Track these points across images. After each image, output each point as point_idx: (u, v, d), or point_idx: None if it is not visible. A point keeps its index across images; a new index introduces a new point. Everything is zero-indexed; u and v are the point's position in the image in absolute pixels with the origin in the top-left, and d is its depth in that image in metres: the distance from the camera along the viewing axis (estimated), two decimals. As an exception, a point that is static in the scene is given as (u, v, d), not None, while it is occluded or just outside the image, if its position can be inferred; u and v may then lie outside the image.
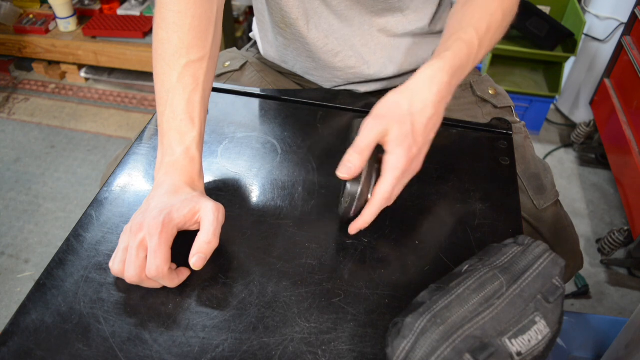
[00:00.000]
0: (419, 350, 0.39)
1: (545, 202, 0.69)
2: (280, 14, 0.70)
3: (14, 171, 1.67)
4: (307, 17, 0.69)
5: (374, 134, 0.48)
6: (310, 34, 0.70)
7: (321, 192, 0.58)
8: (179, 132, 0.53)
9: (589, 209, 1.59)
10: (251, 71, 0.83)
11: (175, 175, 0.51)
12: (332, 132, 0.67)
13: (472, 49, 0.54)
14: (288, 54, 0.77)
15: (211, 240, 0.47)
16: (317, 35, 0.71)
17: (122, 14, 2.00)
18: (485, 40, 0.55)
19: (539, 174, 0.71)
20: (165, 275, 0.45)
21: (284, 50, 0.77)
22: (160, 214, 0.47)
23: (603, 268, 1.42)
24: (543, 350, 0.40)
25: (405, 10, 0.70)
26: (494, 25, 0.56)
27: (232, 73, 0.83)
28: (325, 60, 0.73)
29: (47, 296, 0.47)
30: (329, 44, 0.71)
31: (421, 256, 0.52)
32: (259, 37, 0.83)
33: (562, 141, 1.84)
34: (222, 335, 0.44)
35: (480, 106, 0.77)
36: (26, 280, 1.36)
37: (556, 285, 0.42)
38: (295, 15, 0.69)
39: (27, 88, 2.05)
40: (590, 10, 1.69)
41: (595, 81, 1.71)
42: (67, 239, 0.52)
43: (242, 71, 0.83)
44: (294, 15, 0.69)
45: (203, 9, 0.56)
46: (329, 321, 0.46)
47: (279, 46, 0.77)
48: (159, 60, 0.56)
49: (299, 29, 0.70)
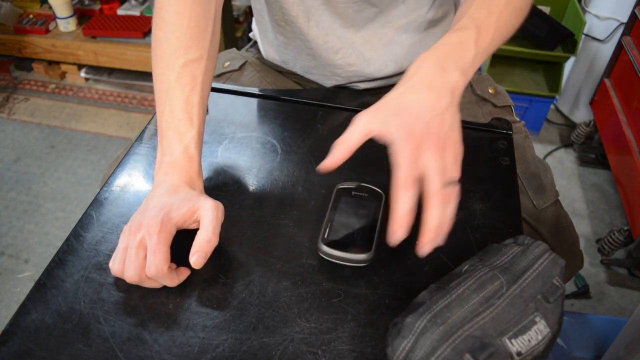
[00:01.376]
0: (419, 350, 0.39)
1: (545, 202, 0.68)
2: (280, 12, 0.70)
3: (14, 171, 1.67)
4: (307, 14, 0.69)
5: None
6: (310, 31, 0.71)
7: (321, 192, 0.58)
8: (178, 132, 0.53)
9: (589, 209, 1.59)
10: (250, 71, 0.83)
11: (174, 175, 0.51)
12: (332, 132, 0.67)
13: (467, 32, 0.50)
14: (288, 53, 0.77)
15: (211, 239, 0.47)
16: (318, 33, 0.71)
17: (122, 14, 2.00)
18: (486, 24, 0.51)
19: (539, 173, 0.71)
20: (165, 274, 0.45)
21: (284, 49, 0.77)
22: (159, 213, 0.47)
23: (603, 268, 1.42)
24: (543, 350, 0.40)
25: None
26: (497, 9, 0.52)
27: (232, 73, 0.83)
28: (326, 58, 0.73)
29: (47, 296, 0.47)
30: (329, 42, 0.72)
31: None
32: (259, 38, 0.83)
33: (562, 141, 1.84)
34: (222, 335, 0.44)
35: (480, 105, 0.77)
36: (26, 280, 1.36)
37: (556, 285, 0.42)
38: (295, 12, 0.69)
39: (27, 88, 2.05)
40: (590, 10, 1.69)
41: (595, 81, 1.71)
42: (67, 239, 0.52)
43: (241, 71, 0.83)
44: (294, 12, 0.69)
45: (201, 8, 0.56)
46: (329, 321, 0.46)
47: (279, 45, 0.77)
48: (157, 61, 0.56)
49: (300, 26, 0.70)
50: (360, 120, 0.45)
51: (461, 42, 0.49)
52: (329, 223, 0.51)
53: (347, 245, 0.49)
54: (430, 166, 0.42)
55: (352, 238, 0.50)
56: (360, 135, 0.44)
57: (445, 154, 0.43)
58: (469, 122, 0.69)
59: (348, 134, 0.45)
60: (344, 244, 0.49)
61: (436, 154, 0.42)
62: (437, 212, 0.42)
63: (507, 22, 0.54)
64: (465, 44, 0.49)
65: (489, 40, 0.51)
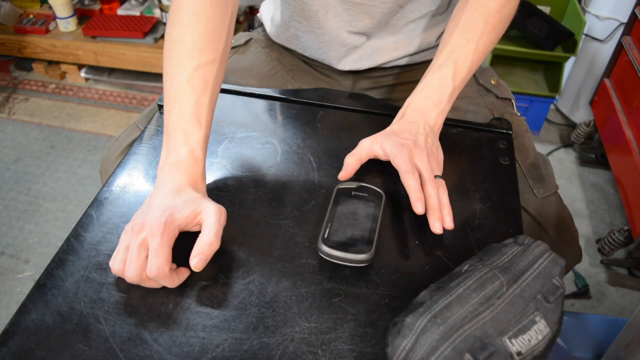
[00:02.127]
0: (419, 350, 0.39)
1: (545, 192, 0.68)
2: (300, 6, 0.71)
3: (14, 171, 1.67)
4: (326, 7, 0.71)
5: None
6: (327, 24, 0.72)
7: (321, 192, 0.58)
8: (185, 133, 0.53)
9: (589, 209, 1.59)
10: (256, 47, 0.83)
11: (178, 175, 0.51)
12: (332, 132, 0.67)
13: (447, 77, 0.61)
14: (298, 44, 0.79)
15: (213, 242, 0.47)
16: (334, 25, 0.72)
17: (122, 14, 2.00)
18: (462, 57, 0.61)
19: (539, 164, 0.71)
20: (165, 275, 0.45)
21: (295, 40, 0.79)
22: (163, 214, 0.47)
23: (603, 268, 1.42)
24: (543, 350, 0.40)
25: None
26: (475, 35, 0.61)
27: (237, 48, 0.83)
28: (338, 49, 0.75)
29: (47, 296, 0.47)
30: (342, 35, 0.73)
31: (421, 256, 0.52)
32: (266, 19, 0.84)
33: (562, 141, 1.84)
34: (222, 335, 0.44)
35: (482, 95, 0.78)
36: (26, 280, 1.36)
37: (556, 285, 0.42)
38: (316, 7, 0.69)
39: (27, 88, 2.05)
40: (590, 10, 1.69)
41: (595, 81, 1.71)
42: (67, 239, 0.52)
43: (246, 46, 0.83)
44: (315, 7, 0.69)
45: (218, 11, 0.56)
46: (329, 321, 0.46)
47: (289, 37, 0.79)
48: (170, 60, 0.56)
49: (318, 19, 0.71)
50: (364, 143, 0.59)
51: (440, 82, 0.60)
52: (329, 223, 0.51)
53: (347, 245, 0.49)
54: (422, 166, 0.55)
55: (352, 238, 0.50)
56: (366, 153, 0.58)
57: (431, 159, 0.56)
58: (469, 122, 0.69)
59: (358, 151, 0.58)
60: (344, 244, 0.49)
61: (424, 157, 0.55)
62: (433, 192, 0.53)
63: (486, 45, 0.62)
64: (443, 82, 0.60)
65: (466, 72, 0.61)
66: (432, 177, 0.54)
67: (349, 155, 0.58)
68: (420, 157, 0.55)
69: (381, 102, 0.75)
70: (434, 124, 0.60)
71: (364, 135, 0.60)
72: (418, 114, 0.60)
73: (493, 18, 0.61)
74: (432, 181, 0.54)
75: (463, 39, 0.61)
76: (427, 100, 0.60)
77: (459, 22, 0.62)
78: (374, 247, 0.49)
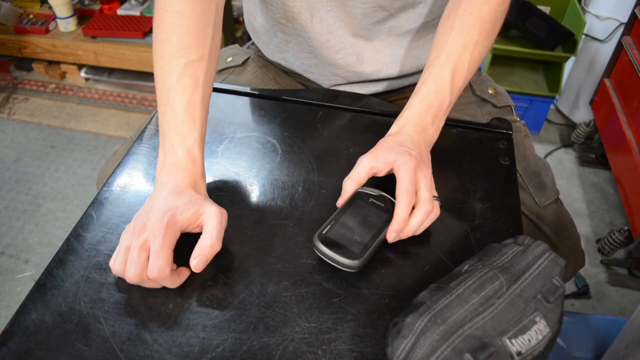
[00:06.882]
0: (419, 350, 0.39)
1: (546, 200, 0.69)
2: (282, 8, 0.70)
3: (14, 171, 1.67)
4: (311, 11, 0.69)
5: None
6: (313, 28, 0.70)
7: (321, 192, 0.58)
8: (180, 133, 0.53)
9: (589, 209, 1.59)
10: (253, 67, 0.83)
11: (178, 176, 0.51)
12: (332, 132, 0.67)
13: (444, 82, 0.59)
14: (288, 51, 0.77)
15: (214, 244, 0.47)
16: (321, 30, 0.70)
17: (122, 14, 2.00)
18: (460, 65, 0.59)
19: (539, 171, 0.71)
20: (166, 276, 0.45)
21: (284, 46, 0.77)
22: (164, 215, 0.47)
23: (603, 268, 1.42)
24: (543, 350, 0.40)
25: (417, 5, 0.69)
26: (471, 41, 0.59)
27: (234, 68, 0.82)
28: (327, 57, 0.73)
29: (47, 296, 0.47)
30: (331, 40, 0.71)
31: (421, 256, 0.52)
32: (254, 39, 0.83)
33: (562, 141, 1.84)
34: (222, 335, 0.44)
35: (479, 106, 0.77)
36: (26, 280, 1.36)
37: (556, 285, 0.42)
38: (297, 9, 0.69)
39: (27, 88, 2.05)
40: (590, 10, 1.69)
41: (595, 81, 1.71)
42: (67, 239, 0.52)
43: (244, 67, 0.83)
44: (296, 9, 0.69)
45: (201, 8, 0.56)
46: (329, 321, 0.46)
47: (278, 43, 0.77)
48: (158, 61, 0.56)
49: (302, 22, 0.70)
50: (363, 161, 0.54)
51: (437, 95, 0.58)
52: (332, 221, 0.51)
53: (339, 246, 0.49)
54: (422, 182, 0.52)
55: (347, 241, 0.49)
56: (365, 173, 0.54)
57: (429, 176, 0.53)
58: (469, 122, 0.69)
59: (355, 173, 0.54)
60: (337, 244, 0.49)
61: (426, 173, 0.53)
62: (421, 218, 0.51)
63: (481, 53, 0.61)
64: (440, 95, 0.58)
65: (462, 83, 0.60)
66: (430, 198, 0.51)
67: (346, 179, 0.54)
68: (424, 173, 0.52)
69: (382, 102, 0.75)
70: (430, 140, 0.58)
71: (364, 135, 0.60)
72: (417, 129, 0.57)
73: (487, 23, 0.60)
74: (428, 203, 0.51)
75: (459, 47, 0.59)
76: (427, 116, 0.58)
77: (453, 28, 0.60)
78: (365, 257, 0.48)
